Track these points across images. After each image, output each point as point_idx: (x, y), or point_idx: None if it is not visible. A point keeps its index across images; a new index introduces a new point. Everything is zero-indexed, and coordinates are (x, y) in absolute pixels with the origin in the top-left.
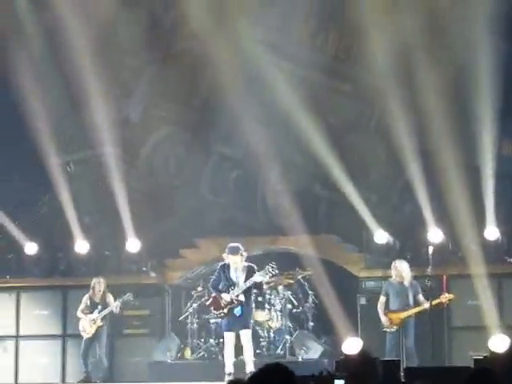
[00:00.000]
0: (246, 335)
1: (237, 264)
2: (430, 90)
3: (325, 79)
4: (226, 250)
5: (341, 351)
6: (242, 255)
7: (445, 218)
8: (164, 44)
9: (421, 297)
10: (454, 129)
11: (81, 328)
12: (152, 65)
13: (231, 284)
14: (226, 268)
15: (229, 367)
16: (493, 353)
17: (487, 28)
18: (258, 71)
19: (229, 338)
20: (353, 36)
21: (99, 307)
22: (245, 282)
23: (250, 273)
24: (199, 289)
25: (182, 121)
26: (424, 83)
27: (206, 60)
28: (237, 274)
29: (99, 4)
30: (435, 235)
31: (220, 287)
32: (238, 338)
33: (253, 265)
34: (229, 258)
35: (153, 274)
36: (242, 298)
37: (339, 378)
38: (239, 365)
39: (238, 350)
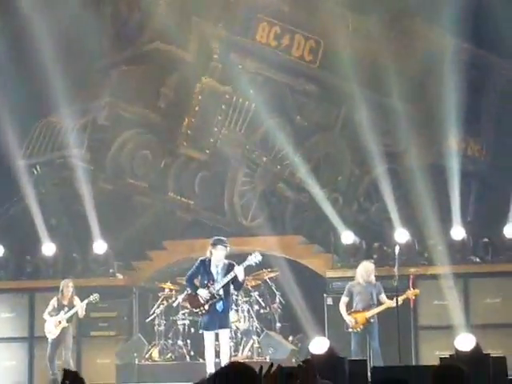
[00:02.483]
0: (225, 335)
1: (219, 258)
2: (395, 90)
3: (290, 80)
4: (211, 242)
5: (308, 351)
6: (226, 248)
7: (411, 219)
8: (129, 45)
9: (383, 296)
10: (419, 129)
11: (46, 330)
12: (118, 66)
13: (211, 279)
14: (206, 262)
15: (210, 368)
16: (458, 351)
17: (451, 29)
18: (223, 71)
19: (209, 338)
20: (318, 37)
21: (65, 309)
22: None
23: (230, 269)
24: (166, 290)
25: (149, 122)
26: (389, 84)
27: (172, 61)
28: (217, 270)
29: (63, 5)
30: (401, 235)
31: (197, 282)
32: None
33: (233, 262)
34: (212, 251)
35: (120, 276)
36: (222, 293)
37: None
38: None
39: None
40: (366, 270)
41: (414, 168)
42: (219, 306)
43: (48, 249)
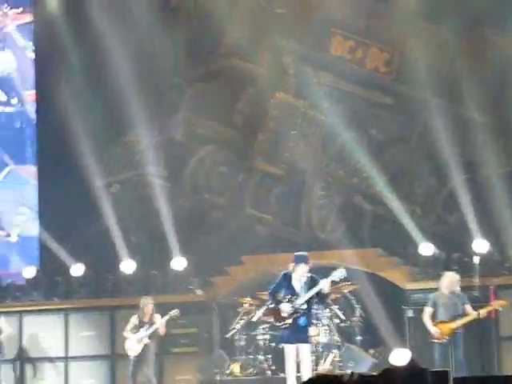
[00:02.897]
0: (306, 349)
1: (302, 274)
2: (471, 101)
3: (366, 93)
4: (293, 259)
5: (389, 363)
6: (307, 264)
7: (490, 229)
8: (204, 62)
9: (469, 307)
10: (497, 139)
11: (127, 347)
12: (193, 83)
13: (293, 293)
14: (288, 277)
15: (291, 382)
16: None
17: None
18: (299, 86)
19: (290, 351)
20: (393, 48)
21: (146, 326)
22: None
23: (313, 284)
24: (246, 305)
25: (224, 138)
26: (466, 94)
27: (246, 76)
28: (300, 284)
29: (138, 23)
30: (481, 246)
31: (280, 296)
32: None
33: (316, 276)
34: (295, 268)
35: (199, 292)
36: (305, 306)
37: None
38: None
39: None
40: (451, 280)
41: (493, 177)
42: (302, 320)
43: (128, 266)
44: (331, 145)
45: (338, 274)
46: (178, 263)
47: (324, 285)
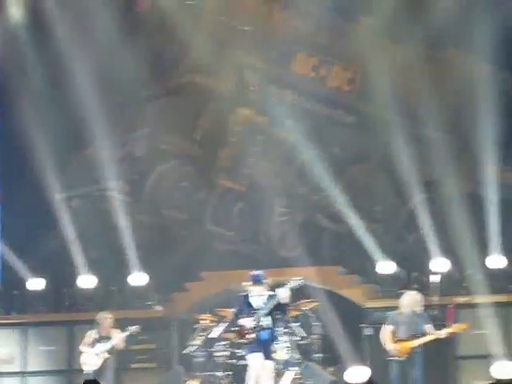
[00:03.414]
0: (269, 366)
1: (260, 292)
2: (432, 120)
3: (328, 111)
4: (249, 279)
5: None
6: (264, 283)
7: (450, 248)
8: (166, 78)
9: (429, 326)
10: (456, 158)
11: (82, 361)
12: (155, 99)
13: (252, 310)
14: (247, 298)
15: None
16: (497, 380)
17: (486, 57)
18: (261, 103)
19: (255, 357)
20: (356, 67)
21: (104, 341)
22: (268, 312)
23: (273, 301)
24: (205, 321)
25: (186, 154)
26: (426, 114)
27: (209, 92)
28: (258, 302)
29: (100, 39)
30: (440, 264)
31: (242, 317)
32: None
33: (275, 294)
34: (253, 288)
35: (158, 308)
36: (267, 322)
37: None
38: None
39: None
40: (413, 299)
41: (452, 197)
42: (265, 334)
43: (87, 281)
44: (293, 162)
45: (295, 283)
46: (138, 279)
47: (282, 293)
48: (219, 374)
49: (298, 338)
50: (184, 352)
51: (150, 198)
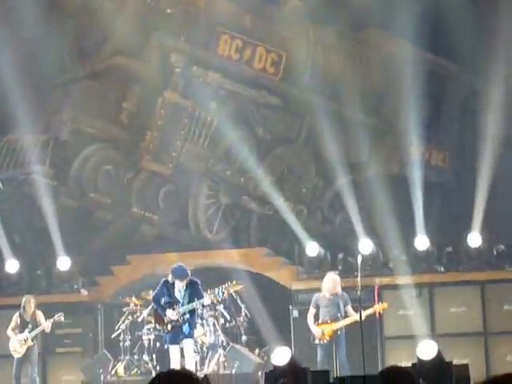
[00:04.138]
0: (189, 345)
1: (181, 286)
2: (356, 101)
3: (253, 93)
4: (172, 274)
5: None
6: (186, 278)
7: (375, 229)
8: (90, 60)
9: (350, 308)
10: (380, 140)
11: (11, 348)
12: (79, 81)
13: (175, 301)
14: (169, 285)
15: None
16: (421, 360)
17: (410, 39)
18: (186, 85)
19: (174, 350)
20: (280, 49)
21: (30, 326)
22: (189, 300)
23: (194, 289)
24: (131, 305)
25: (111, 137)
26: (350, 96)
27: (134, 75)
28: (181, 293)
29: (23, 22)
30: (365, 246)
31: (162, 302)
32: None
33: (196, 280)
34: (176, 282)
35: (84, 292)
36: (187, 315)
37: None
38: None
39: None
40: (331, 281)
41: (377, 178)
42: (185, 328)
43: (11, 266)
44: (219, 144)
45: (220, 294)
46: (63, 263)
47: (204, 301)
48: (145, 357)
49: (224, 321)
50: (110, 336)
51: (74, 182)
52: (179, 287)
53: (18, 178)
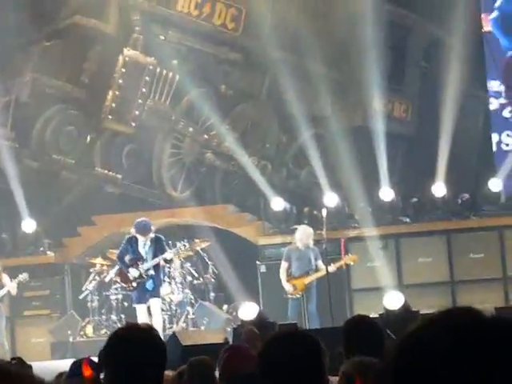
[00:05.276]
0: (155, 304)
1: (144, 240)
2: (318, 55)
3: (214, 49)
4: (134, 228)
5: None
6: (149, 233)
7: (339, 182)
8: (49, 21)
9: (320, 262)
10: (343, 92)
11: None
12: (39, 42)
13: (139, 258)
14: (133, 241)
15: None
16: (388, 310)
17: None
18: (146, 43)
19: (141, 310)
20: (239, 4)
21: None
22: (153, 256)
23: (158, 245)
24: (98, 265)
25: (73, 98)
26: (312, 50)
27: (93, 34)
28: (145, 249)
29: None
30: (330, 199)
31: (127, 260)
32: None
33: (160, 236)
34: (138, 235)
35: (50, 254)
36: (152, 271)
37: None
38: None
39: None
40: (305, 233)
41: (341, 132)
42: (149, 284)
43: None
44: (181, 102)
45: (182, 248)
46: (28, 225)
47: (166, 255)
48: (113, 317)
49: (191, 278)
50: (78, 297)
51: (37, 144)
52: (143, 243)
53: None
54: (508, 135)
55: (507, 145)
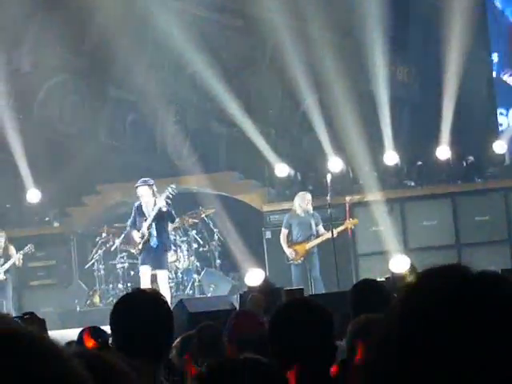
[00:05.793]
0: (162, 275)
1: (146, 199)
2: (321, 21)
3: (215, 16)
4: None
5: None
6: (149, 186)
7: (344, 147)
8: None
9: (321, 227)
10: (346, 58)
11: None
12: (38, 12)
13: (144, 219)
14: (139, 206)
15: None
16: (394, 274)
17: None
18: (147, 12)
19: (143, 270)
20: None
21: (1, 261)
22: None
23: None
24: (103, 235)
25: (75, 67)
26: (315, 15)
27: (93, 4)
28: (148, 210)
29: None
30: (335, 164)
31: (136, 226)
32: (154, 277)
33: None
34: (138, 192)
35: (56, 224)
36: (154, 231)
37: None
38: None
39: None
40: (303, 200)
41: (344, 96)
42: (153, 242)
43: None
44: (183, 70)
45: (170, 189)
46: (33, 196)
47: (160, 203)
48: (120, 285)
49: (197, 246)
50: (84, 267)
51: (40, 114)
52: (146, 206)
53: None
54: None
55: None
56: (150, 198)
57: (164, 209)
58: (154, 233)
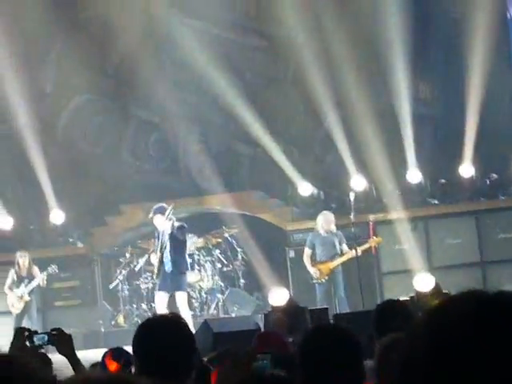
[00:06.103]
0: (180, 297)
1: (161, 227)
2: (342, 40)
3: (237, 36)
4: (152, 212)
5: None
6: (161, 213)
7: (366, 166)
8: (72, 12)
9: (345, 246)
10: (369, 75)
11: (9, 304)
12: (62, 34)
13: (161, 246)
14: (158, 234)
15: None
16: (418, 292)
17: None
18: (169, 33)
19: (158, 297)
20: None
21: (25, 281)
22: (172, 242)
23: (179, 231)
24: (127, 255)
25: (98, 88)
26: (336, 33)
27: (115, 25)
28: (165, 237)
29: None
30: (358, 183)
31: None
32: (173, 300)
33: (182, 224)
34: (153, 222)
35: (80, 244)
36: (167, 255)
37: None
38: None
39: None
40: (325, 219)
41: (367, 114)
42: (167, 267)
43: (5, 222)
44: (206, 90)
45: (168, 210)
46: (57, 216)
47: (166, 228)
48: (144, 306)
49: (221, 265)
50: (109, 287)
51: (64, 134)
52: (162, 232)
53: (6, 133)
54: None
55: None
56: (166, 225)
57: (169, 231)
58: (168, 257)
